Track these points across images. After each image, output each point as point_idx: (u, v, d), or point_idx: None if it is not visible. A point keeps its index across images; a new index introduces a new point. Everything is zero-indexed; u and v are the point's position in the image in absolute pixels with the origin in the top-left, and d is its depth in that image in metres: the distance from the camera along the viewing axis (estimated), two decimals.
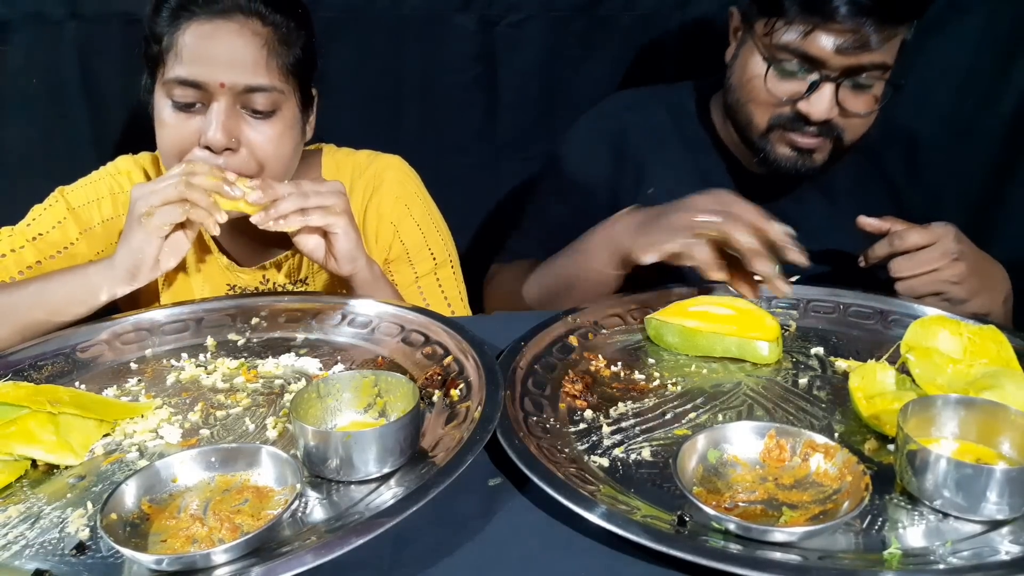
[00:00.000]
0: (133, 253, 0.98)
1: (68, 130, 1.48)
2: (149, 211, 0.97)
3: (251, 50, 1.04)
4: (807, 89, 1.11)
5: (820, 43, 1.08)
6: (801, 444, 0.69)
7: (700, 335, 0.94)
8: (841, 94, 1.11)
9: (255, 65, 1.04)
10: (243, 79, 1.03)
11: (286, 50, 1.07)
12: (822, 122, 1.12)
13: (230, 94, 1.03)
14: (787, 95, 1.13)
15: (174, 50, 1.03)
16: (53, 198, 1.17)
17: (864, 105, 1.13)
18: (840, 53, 1.07)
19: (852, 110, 1.12)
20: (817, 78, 1.10)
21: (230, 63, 1.02)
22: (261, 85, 1.04)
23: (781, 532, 0.61)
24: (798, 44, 1.09)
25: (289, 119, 1.10)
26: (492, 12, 1.52)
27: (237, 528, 0.62)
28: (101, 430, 0.80)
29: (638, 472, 0.72)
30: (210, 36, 1.03)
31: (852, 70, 1.09)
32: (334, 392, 0.76)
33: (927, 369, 0.81)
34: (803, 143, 1.16)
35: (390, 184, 1.25)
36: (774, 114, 1.16)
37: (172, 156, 1.07)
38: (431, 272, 1.26)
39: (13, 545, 0.65)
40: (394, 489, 0.68)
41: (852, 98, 1.12)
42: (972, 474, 0.63)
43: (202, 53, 1.02)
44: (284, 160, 1.10)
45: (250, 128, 1.06)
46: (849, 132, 1.15)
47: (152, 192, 0.97)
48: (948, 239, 1.03)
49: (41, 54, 1.43)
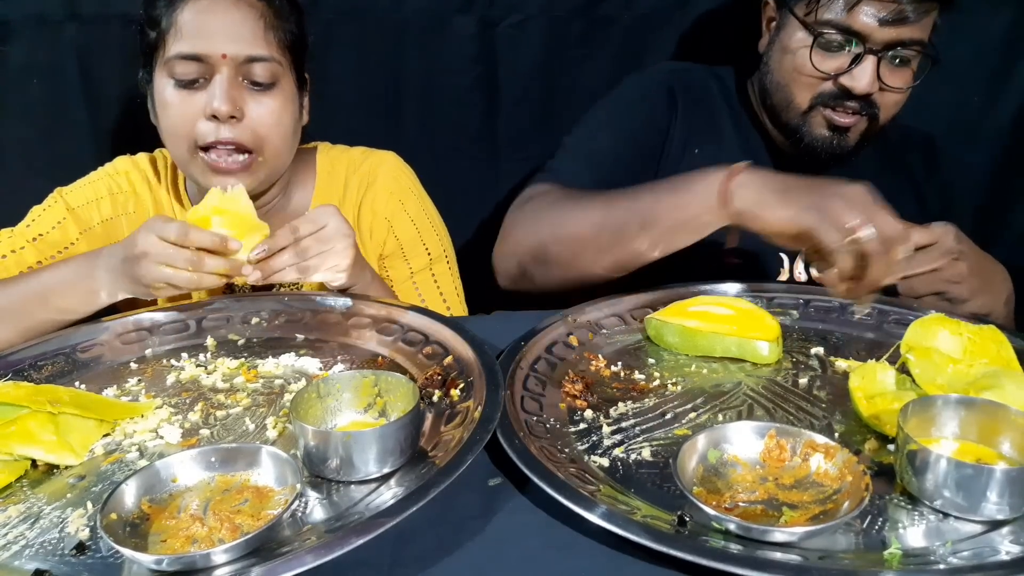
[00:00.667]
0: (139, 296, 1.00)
1: (68, 130, 1.48)
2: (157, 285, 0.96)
3: (249, 22, 1.07)
4: (851, 63, 1.15)
5: (863, 16, 1.13)
6: (801, 444, 0.69)
7: (700, 335, 0.94)
8: (882, 69, 1.15)
9: (254, 36, 1.07)
10: (244, 50, 1.06)
11: (281, 24, 1.11)
12: (863, 97, 1.16)
13: (232, 65, 1.06)
14: (831, 70, 1.17)
15: (173, 29, 1.06)
16: (52, 199, 1.18)
17: (902, 80, 1.17)
18: (882, 25, 1.12)
19: (892, 85, 1.16)
20: (861, 51, 1.14)
21: (230, 35, 1.06)
22: (261, 55, 1.07)
23: (781, 532, 0.61)
24: (842, 19, 1.14)
25: (288, 93, 1.12)
26: (492, 13, 1.52)
27: (237, 528, 0.62)
28: (101, 430, 0.80)
29: (638, 472, 0.72)
30: (208, 11, 1.06)
31: (892, 43, 1.13)
32: (334, 392, 0.76)
33: (927, 369, 0.81)
34: (841, 121, 1.19)
35: (384, 180, 1.26)
36: (817, 91, 1.20)
37: (178, 135, 1.08)
38: (426, 268, 1.26)
39: (13, 545, 0.65)
40: (394, 489, 0.68)
41: (891, 73, 1.16)
42: (972, 474, 0.63)
43: (202, 27, 1.06)
44: (284, 135, 1.12)
45: (252, 100, 1.08)
46: (884, 110, 1.19)
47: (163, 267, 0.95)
48: (948, 239, 1.03)
49: (41, 54, 1.43)
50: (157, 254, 0.95)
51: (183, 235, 0.95)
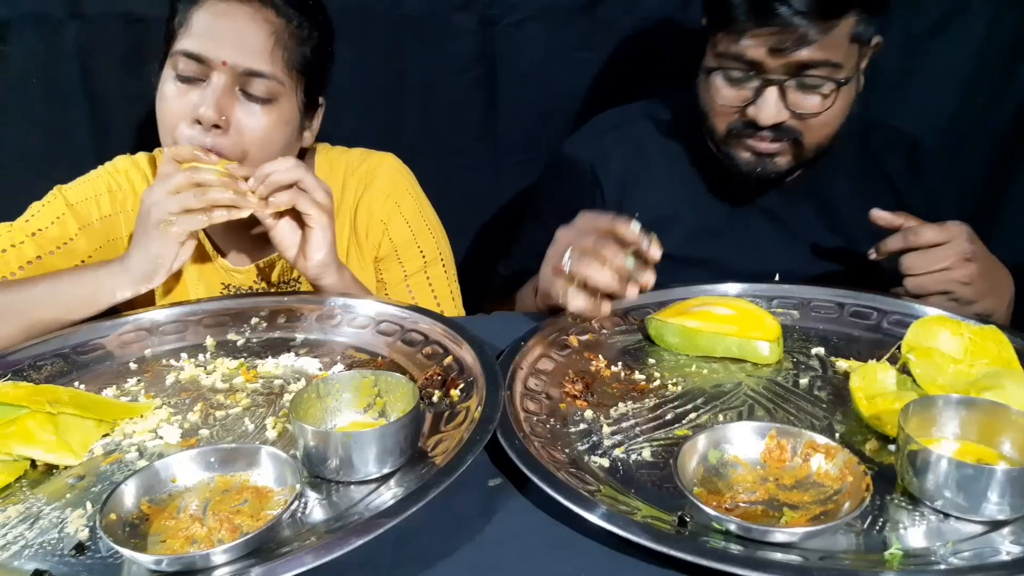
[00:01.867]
0: (152, 259, 1.00)
1: (68, 130, 1.48)
2: (167, 219, 0.98)
3: (260, 36, 1.06)
4: (754, 94, 1.11)
5: (754, 46, 1.07)
6: (802, 444, 0.69)
7: (700, 335, 0.94)
8: (790, 96, 1.09)
9: (260, 51, 1.06)
10: (245, 61, 1.05)
11: (295, 46, 1.10)
12: (774, 126, 1.11)
13: (230, 74, 1.05)
14: (738, 101, 1.13)
15: (187, 25, 1.06)
16: (52, 195, 1.18)
17: (815, 105, 1.10)
18: (775, 54, 1.06)
19: (802, 110, 1.10)
20: (759, 83, 1.10)
21: (236, 44, 1.05)
22: (261, 71, 1.06)
23: (782, 533, 0.60)
24: (735, 50, 1.09)
25: (285, 113, 1.11)
26: (492, 12, 1.52)
27: (237, 528, 0.62)
28: (100, 430, 0.80)
29: (638, 472, 0.72)
30: (223, 14, 1.06)
31: (793, 70, 1.07)
32: (334, 392, 0.76)
33: (928, 369, 0.81)
34: (761, 148, 1.15)
35: (381, 181, 1.26)
36: (729, 121, 1.16)
37: (166, 129, 1.08)
38: (420, 271, 1.26)
39: (12, 545, 0.65)
40: (394, 489, 0.68)
41: (801, 99, 1.10)
42: (973, 474, 0.62)
43: (211, 30, 1.05)
44: (269, 152, 1.10)
45: (243, 111, 1.07)
46: (808, 134, 1.13)
47: (167, 196, 0.99)
48: (962, 239, 1.03)
49: (41, 54, 1.43)
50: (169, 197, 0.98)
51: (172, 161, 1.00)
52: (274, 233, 1.06)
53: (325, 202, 1.04)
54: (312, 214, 1.03)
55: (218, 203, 1.00)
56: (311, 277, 1.07)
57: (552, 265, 1.00)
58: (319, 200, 1.03)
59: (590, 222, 1.00)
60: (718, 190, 1.28)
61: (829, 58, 1.06)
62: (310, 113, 1.18)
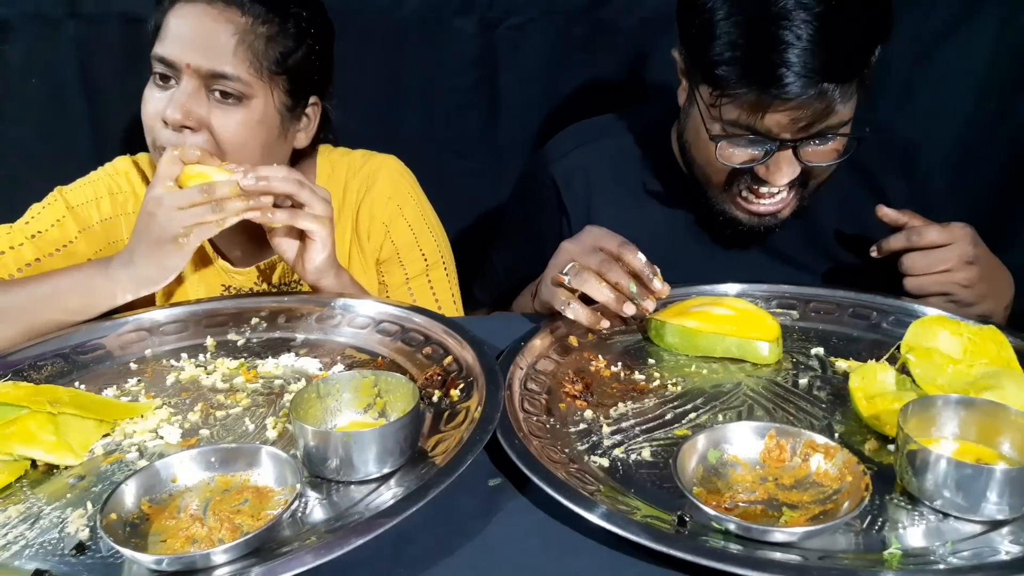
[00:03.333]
0: (162, 268, 1.00)
1: (68, 130, 1.48)
2: (184, 233, 0.98)
3: (221, 37, 1.06)
4: (763, 155, 1.03)
5: (772, 119, 0.98)
6: (801, 444, 0.69)
7: (700, 335, 0.94)
8: (801, 151, 1.02)
9: (222, 52, 1.06)
10: (207, 63, 1.05)
11: (262, 45, 1.08)
12: None
13: (196, 76, 1.06)
14: (742, 162, 1.05)
15: (161, 29, 1.08)
16: (52, 197, 1.18)
17: (826, 157, 1.04)
18: (791, 126, 0.98)
19: (814, 163, 1.04)
20: (774, 147, 1.01)
21: (198, 46, 1.06)
22: (225, 72, 1.06)
23: (781, 532, 0.61)
24: (748, 121, 1.00)
25: (259, 112, 1.10)
26: (493, 15, 1.51)
27: (237, 528, 0.62)
28: (101, 430, 0.80)
29: (638, 472, 0.72)
30: (187, 18, 1.07)
31: (806, 133, 1.00)
32: (334, 392, 0.76)
33: (927, 369, 0.81)
34: (763, 210, 1.09)
35: (383, 184, 1.26)
36: (732, 177, 1.08)
37: (146, 129, 1.10)
38: (422, 273, 1.26)
39: (13, 545, 0.65)
40: (394, 489, 0.68)
41: (813, 154, 1.04)
42: (972, 474, 0.63)
43: (178, 33, 1.07)
44: (247, 151, 1.10)
45: (215, 111, 1.07)
46: (816, 181, 1.09)
47: (180, 213, 0.98)
48: (965, 241, 1.01)
49: (41, 54, 1.43)
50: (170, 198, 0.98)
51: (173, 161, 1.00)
52: (273, 239, 1.06)
53: (323, 212, 1.03)
54: (311, 228, 1.03)
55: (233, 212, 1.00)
56: (310, 282, 1.07)
57: (553, 276, 0.99)
58: (317, 213, 1.02)
59: (597, 240, 0.98)
60: (692, 207, 1.22)
61: (843, 118, 1.00)
62: (297, 114, 1.16)
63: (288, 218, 1.02)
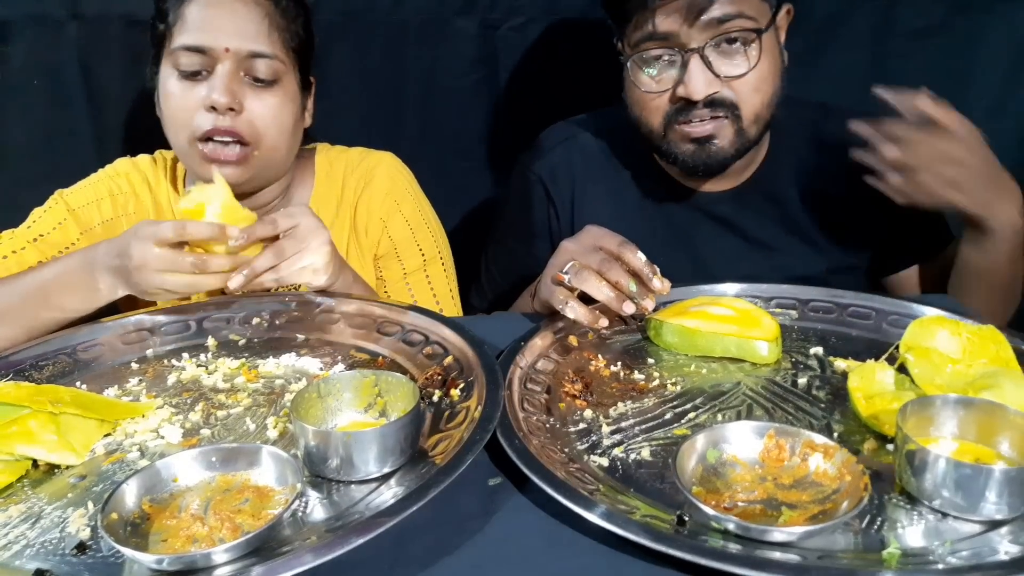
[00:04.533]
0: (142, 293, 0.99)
1: (68, 131, 1.48)
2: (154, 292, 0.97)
3: (254, 19, 1.09)
4: (678, 73, 1.09)
5: (665, 18, 1.06)
6: (800, 444, 0.69)
7: (700, 335, 0.94)
8: (715, 63, 1.07)
9: (258, 33, 1.09)
10: (247, 45, 1.08)
11: (286, 24, 1.12)
12: (709, 101, 1.09)
13: (234, 59, 1.07)
14: (664, 86, 1.11)
15: (180, 22, 1.08)
16: (53, 200, 1.18)
17: (743, 64, 1.08)
18: (687, 20, 1.05)
19: (730, 73, 1.08)
20: (681, 58, 1.08)
21: (234, 30, 1.08)
22: (263, 52, 1.09)
23: (780, 532, 0.61)
24: (648, 30, 1.07)
25: (290, 92, 1.14)
26: (493, 16, 1.52)
27: (238, 528, 0.62)
28: (102, 430, 0.81)
29: (638, 472, 0.72)
30: (215, 5, 1.09)
31: (711, 32, 1.06)
32: (334, 392, 0.76)
33: (926, 369, 0.81)
34: (698, 132, 1.11)
35: (380, 180, 1.26)
36: (663, 111, 1.13)
37: (179, 125, 1.10)
38: (420, 268, 1.27)
39: (14, 545, 0.65)
40: (394, 489, 0.68)
41: (727, 63, 1.08)
42: (971, 474, 0.63)
43: (207, 21, 1.08)
44: (283, 132, 1.13)
45: (252, 95, 1.10)
46: (744, 103, 1.10)
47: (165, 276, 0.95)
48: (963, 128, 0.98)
49: (41, 54, 1.43)
50: (156, 262, 0.94)
51: (180, 231, 0.94)
52: None
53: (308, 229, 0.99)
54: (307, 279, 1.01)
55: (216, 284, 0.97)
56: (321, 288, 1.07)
57: (553, 275, 0.99)
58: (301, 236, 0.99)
59: (597, 239, 0.99)
60: (668, 200, 1.26)
61: (742, 11, 1.06)
62: (306, 91, 1.20)
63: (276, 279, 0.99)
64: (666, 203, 1.27)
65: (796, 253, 1.24)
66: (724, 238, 1.26)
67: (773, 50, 1.11)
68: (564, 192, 1.31)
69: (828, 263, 1.23)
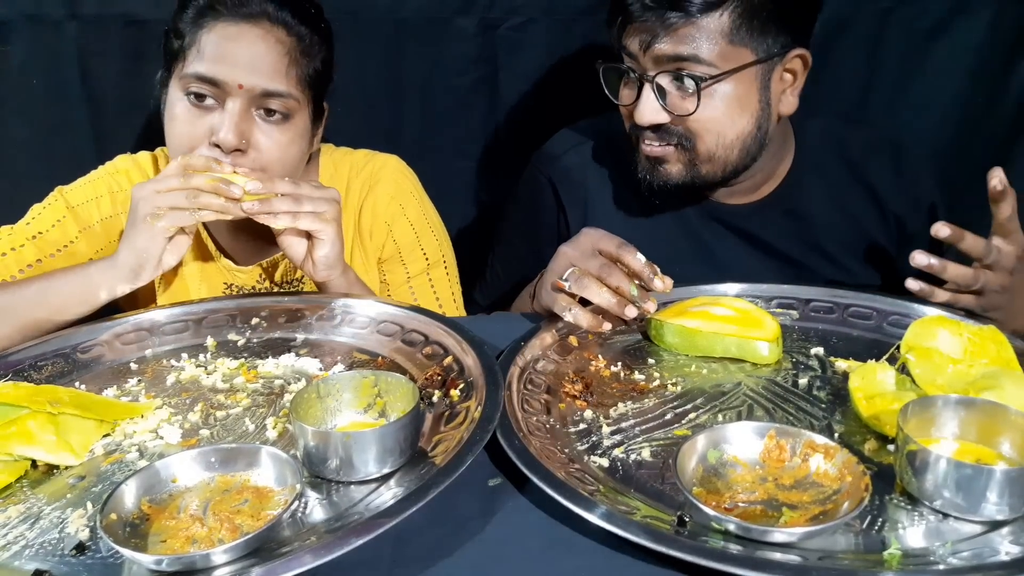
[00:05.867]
0: (137, 253, 0.99)
1: (68, 131, 1.48)
2: (155, 213, 0.98)
3: (273, 56, 1.05)
4: (636, 93, 1.10)
5: (631, 39, 1.09)
6: (801, 444, 0.69)
7: (700, 335, 0.94)
8: (669, 97, 1.08)
9: (275, 71, 1.05)
10: (262, 83, 1.04)
11: (306, 61, 1.09)
12: (657, 127, 1.10)
13: (247, 96, 1.04)
14: (627, 102, 1.13)
15: (196, 46, 1.05)
16: (52, 197, 1.18)
17: (689, 104, 1.07)
18: (643, 47, 1.07)
19: (679, 111, 1.08)
20: (637, 80, 1.10)
21: (251, 66, 1.04)
22: (278, 91, 1.05)
23: (781, 532, 0.61)
24: (620, 43, 1.10)
25: (300, 128, 1.11)
26: (493, 15, 1.51)
27: (237, 528, 0.62)
28: (101, 430, 0.80)
29: (638, 472, 0.72)
30: (234, 38, 1.05)
31: (662, 65, 1.06)
32: (334, 392, 0.76)
33: (927, 369, 0.81)
34: (648, 151, 1.13)
35: (386, 183, 1.26)
36: (630, 123, 1.15)
37: (181, 150, 1.07)
38: (423, 272, 1.27)
39: (13, 545, 0.65)
40: (394, 489, 0.68)
41: (679, 99, 1.08)
42: (972, 474, 0.63)
43: (224, 53, 1.04)
44: (288, 167, 1.11)
45: (261, 131, 1.07)
46: (698, 140, 1.10)
47: (156, 193, 0.98)
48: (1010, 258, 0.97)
49: (41, 54, 1.43)
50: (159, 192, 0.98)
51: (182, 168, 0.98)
52: (281, 239, 1.05)
53: (329, 212, 1.02)
54: (317, 228, 1.02)
55: (207, 207, 0.99)
56: (318, 280, 1.07)
57: (553, 282, 0.99)
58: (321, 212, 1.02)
59: (595, 242, 0.99)
60: (685, 209, 1.25)
61: (696, 53, 1.05)
62: (318, 121, 1.18)
63: (291, 220, 1.01)
64: (683, 212, 1.25)
65: (812, 264, 1.23)
66: (743, 249, 1.24)
67: (744, 95, 1.09)
68: (576, 197, 1.30)
69: (848, 280, 1.21)
